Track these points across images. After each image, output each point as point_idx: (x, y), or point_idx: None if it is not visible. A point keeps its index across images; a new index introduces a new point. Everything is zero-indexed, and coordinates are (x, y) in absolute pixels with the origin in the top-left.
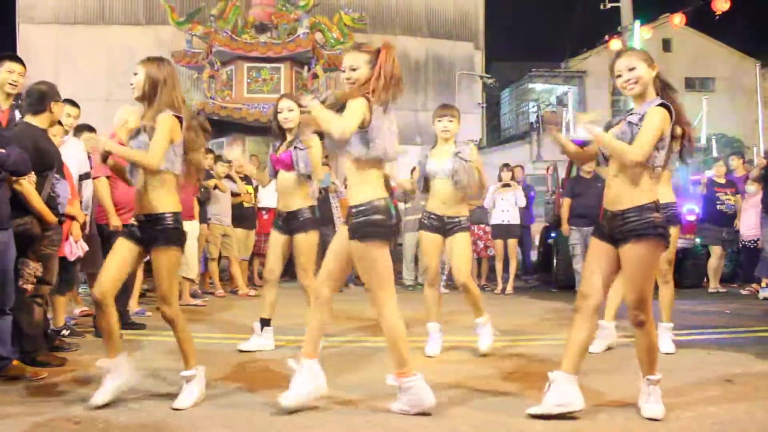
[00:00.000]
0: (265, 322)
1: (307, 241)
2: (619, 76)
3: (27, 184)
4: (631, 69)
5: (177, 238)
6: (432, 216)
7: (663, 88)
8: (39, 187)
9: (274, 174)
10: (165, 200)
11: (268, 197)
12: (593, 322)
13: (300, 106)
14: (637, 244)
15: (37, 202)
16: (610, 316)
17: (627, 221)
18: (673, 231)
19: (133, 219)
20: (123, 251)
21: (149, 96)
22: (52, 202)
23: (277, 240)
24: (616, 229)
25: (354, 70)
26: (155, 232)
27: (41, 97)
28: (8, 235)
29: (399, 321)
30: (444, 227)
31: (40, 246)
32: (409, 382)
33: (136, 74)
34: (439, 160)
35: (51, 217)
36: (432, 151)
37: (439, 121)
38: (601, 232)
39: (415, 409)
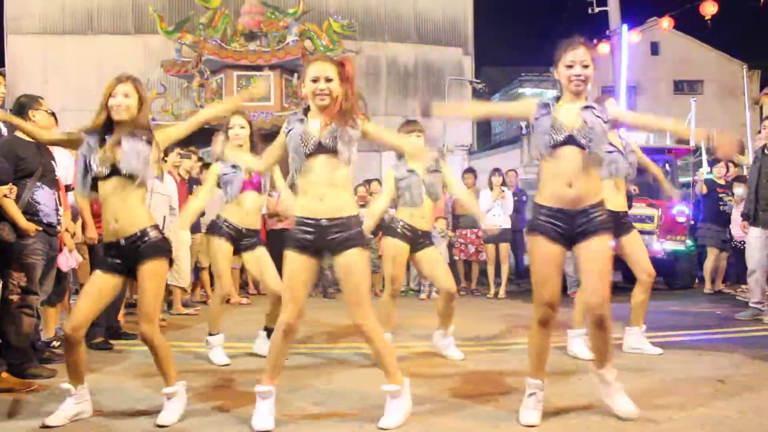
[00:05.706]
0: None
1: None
2: (570, 66)
3: None
4: (586, 66)
5: (166, 248)
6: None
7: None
8: (16, 195)
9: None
10: (145, 215)
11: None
12: None
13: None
14: (606, 235)
15: (10, 208)
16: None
17: (596, 216)
18: (634, 236)
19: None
20: (99, 284)
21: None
22: (31, 210)
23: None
24: (580, 226)
25: (330, 81)
26: (142, 250)
27: (20, 108)
28: None
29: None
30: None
31: (21, 255)
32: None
33: None
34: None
35: (25, 224)
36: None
37: (408, 136)
38: (550, 234)
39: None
